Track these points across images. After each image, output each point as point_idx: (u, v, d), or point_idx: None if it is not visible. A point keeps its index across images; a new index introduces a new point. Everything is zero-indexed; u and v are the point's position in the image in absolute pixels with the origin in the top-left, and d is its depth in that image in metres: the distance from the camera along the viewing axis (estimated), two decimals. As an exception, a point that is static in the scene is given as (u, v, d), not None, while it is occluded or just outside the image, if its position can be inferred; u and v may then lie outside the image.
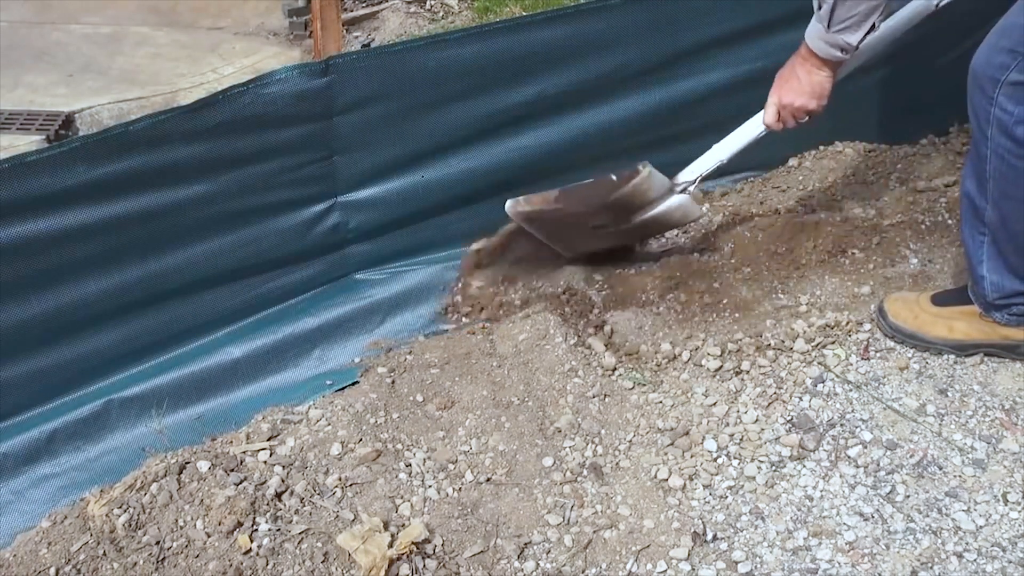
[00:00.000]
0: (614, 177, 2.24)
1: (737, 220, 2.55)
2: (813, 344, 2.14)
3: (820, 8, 1.92)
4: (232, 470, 1.84)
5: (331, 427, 1.96)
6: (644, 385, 2.09)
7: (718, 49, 2.48)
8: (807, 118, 2.11)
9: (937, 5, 2.18)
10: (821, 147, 2.81)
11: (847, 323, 2.18)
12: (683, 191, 2.29)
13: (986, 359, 2.09)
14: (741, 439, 1.96)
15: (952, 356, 2.11)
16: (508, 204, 2.32)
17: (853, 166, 2.74)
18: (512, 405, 2.02)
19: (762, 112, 2.16)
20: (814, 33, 1.96)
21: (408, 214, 2.38)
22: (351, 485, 1.84)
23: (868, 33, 1.90)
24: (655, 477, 1.89)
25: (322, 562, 1.69)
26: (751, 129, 2.22)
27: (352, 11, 4.45)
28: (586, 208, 2.30)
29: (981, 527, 1.76)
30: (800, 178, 2.73)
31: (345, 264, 2.39)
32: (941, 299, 2.15)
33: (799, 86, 2.05)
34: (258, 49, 4.20)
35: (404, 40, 3.36)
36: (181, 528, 1.74)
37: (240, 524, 1.73)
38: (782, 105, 2.09)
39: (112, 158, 1.92)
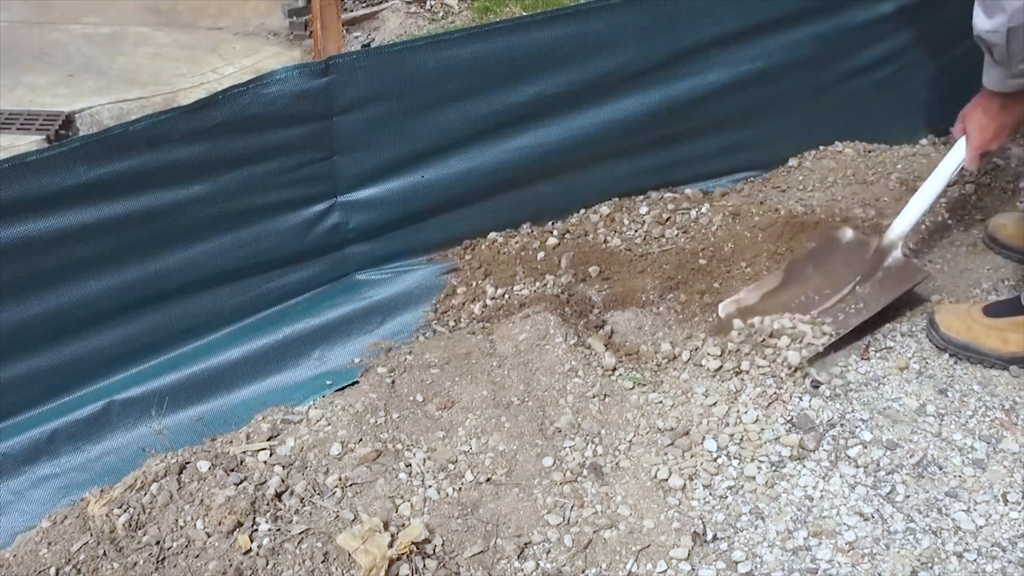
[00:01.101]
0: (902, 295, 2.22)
1: (737, 220, 2.54)
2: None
3: (993, 53, 1.90)
4: (232, 470, 1.84)
5: (331, 427, 1.96)
6: (644, 385, 2.09)
7: (718, 49, 2.48)
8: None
9: None
10: (821, 147, 2.81)
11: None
12: (897, 248, 2.26)
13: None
14: (741, 439, 1.96)
15: (952, 356, 2.11)
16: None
17: (853, 166, 2.74)
18: (512, 405, 2.02)
19: (955, 153, 2.17)
20: (995, 79, 1.96)
21: (408, 214, 2.38)
22: (351, 485, 1.84)
23: None
24: (655, 477, 1.89)
25: (322, 562, 1.69)
26: (947, 171, 2.20)
27: (352, 11, 4.45)
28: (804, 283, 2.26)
29: (981, 527, 1.76)
30: (800, 178, 2.73)
31: (345, 264, 2.39)
32: (994, 310, 2.12)
33: (998, 127, 2.06)
34: (258, 49, 4.20)
35: (404, 40, 3.36)
36: (181, 528, 1.74)
37: (240, 524, 1.73)
38: (985, 149, 2.10)
39: (112, 158, 1.92)
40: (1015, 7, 1.78)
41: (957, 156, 2.17)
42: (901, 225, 2.25)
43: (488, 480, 1.88)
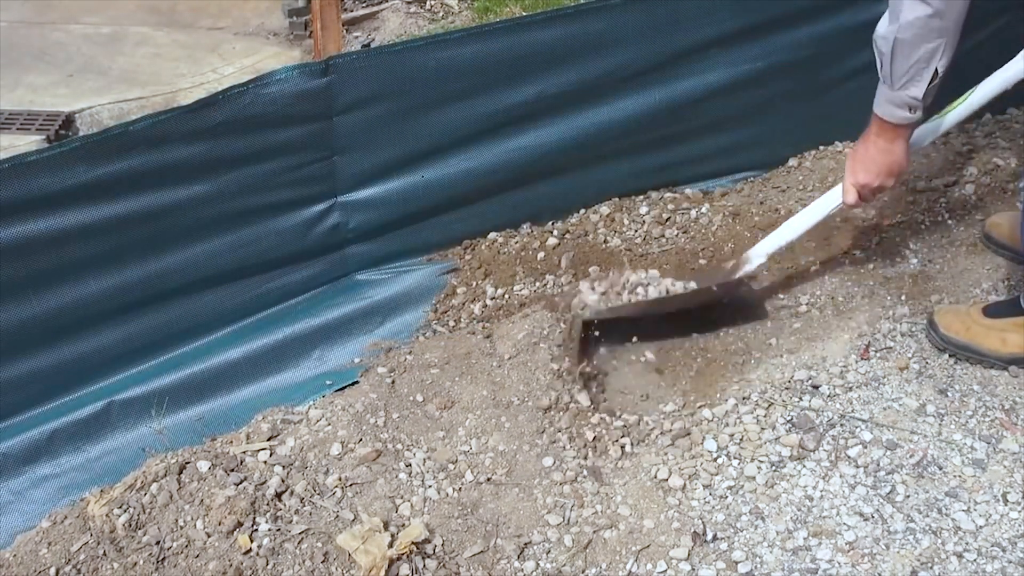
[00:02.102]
0: (715, 288, 2.20)
1: (737, 220, 2.54)
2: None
3: (880, 69, 1.84)
4: (232, 470, 1.84)
5: (331, 427, 1.96)
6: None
7: (718, 49, 2.48)
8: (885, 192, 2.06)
9: None
10: (821, 147, 2.81)
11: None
12: (756, 268, 2.23)
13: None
14: (741, 439, 1.96)
15: (952, 357, 2.11)
16: (586, 315, 2.16)
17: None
18: (512, 405, 2.02)
19: (837, 190, 2.10)
20: (881, 98, 1.89)
21: (408, 214, 2.38)
22: (351, 485, 1.84)
23: (932, 82, 1.81)
24: (655, 477, 1.89)
25: (322, 562, 1.69)
26: (825, 206, 2.15)
27: (352, 11, 4.45)
28: (672, 309, 2.22)
29: (981, 527, 1.76)
30: (800, 178, 2.73)
31: (345, 264, 2.39)
32: (993, 310, 2.11)
33: (875, 167, 1.97)
34: (258, 49, 4.20)
35: (404, 40, 3.36)
36: (181, 528, 1.74)
37: (240, 524, 1.73)
38: (860, 186, 2.01)
39: (112, 158, 1.92)
40: (907, 19, 1.71)
41: (839, 192, 2.10)
42: (759, 249, 2.23)
43: (488, 480, 1.88)
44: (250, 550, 1.70)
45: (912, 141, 1.97)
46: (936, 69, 1.79)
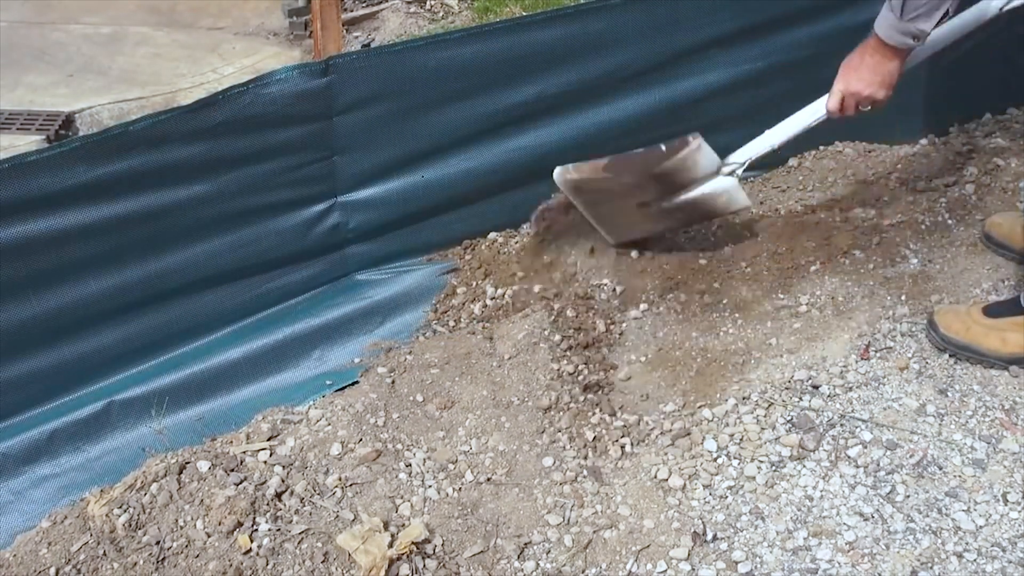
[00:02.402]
0: (663, 147, 2.20)
1: (737, 220, 2.54)
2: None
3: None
4: (232, 470, 1.84)
5: (331, 427, 1.96)
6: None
7: (718, 49, 2.48)
8: (870, 107, 2.05)
9: (1001, 8, 2.10)
10: (821, 147, 2.81)
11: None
12: (731, 173, 2.25)
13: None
14: (741, 439, 1.96)
15: (951, 356, 2.11)
16: (556, 172, 2.26)
17: (853, 166, 2.74)
18: (512, 405, 2.02)
19: (824, 98, 2.10)
20: (885, 23, 1.89)
21: (408, 214, 2.38)
22: (351, 485, 1.84)
23: (942, 20, 1.84)
24: (655, 477, 1.89)
25: (322, 562, 1.69)
26: (809, 115, 2.16)
27: (352, 11, 4.45)
28: (633, 179, 2.25)
29: (981, 527, 1.76)
30: (800, 178, 2.73)
31: (345, 264, 2.39)
32: (994, 310, 2.10)
33: (868, 75, 1.98)
34: (258, 49, 4.20)
35: (404, 40, 3.36)
36: (181, 528, 1.74)
37: (240, 524, 1.73)
38: (849, 93, 2.02)
39: (112, 158, 1.92)
40: None
41: (823, 103, 2.12)
42: (744, 153, 2.25)
43: (488, 480, 1.88)
44: (250, 550, 1.70)
45: (910, 58, 2.00)
46: (947, 9, 1.83)
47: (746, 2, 2.45)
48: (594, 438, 1.97)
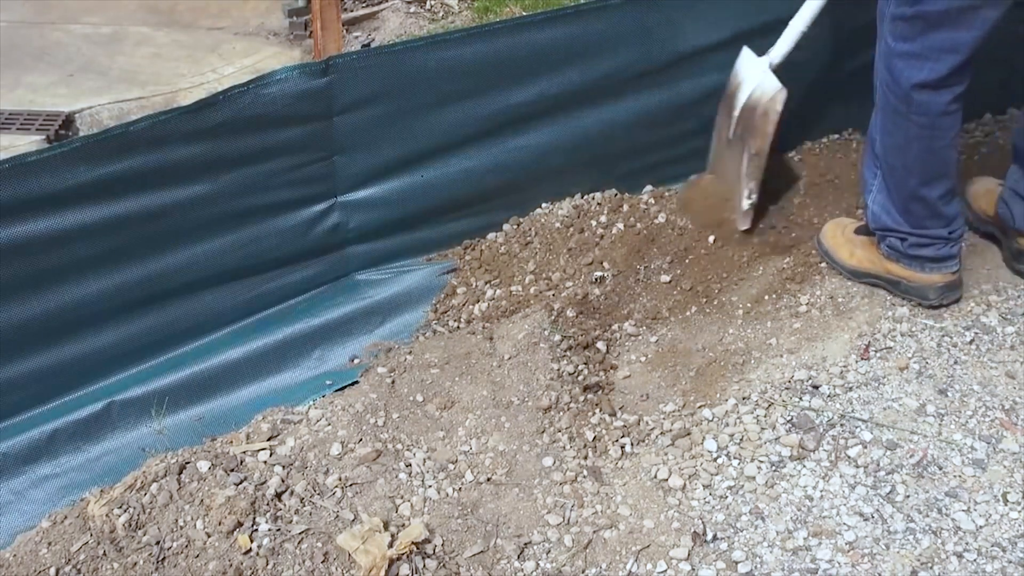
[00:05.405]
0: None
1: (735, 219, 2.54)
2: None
3: None
4: (232, 470, 1.84)
5: (331, 427, 1.96)
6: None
7: (718, 50, 2.48)
8: None
9: None
10: (825, 139, 2.81)
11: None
12: (770, 68, 2.34)
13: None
14: (741, 439, 1.96)
15: (952, 356, 2.11)
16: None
17: (855, 166, 2.74)
18: (512, 405, 2.02)
19: None
20: None
21: (408, 214, 2.38)
22: (351, 485, 1.84)
23: None
24: (655, 477, 1.89)
25: (322, 562, 1.69)
26: None
27: (352, 11, 4.45)
28: (724, 114, 2.45)
29: (981, 527, 1.76)
30: (804, 173, 2.73)
31: (345, 264, 2.39)
32: (861, 230, 2.29)
33: None
34: (258, 49, 4.20)
35: (404, 40, 3.36)
36: (181, 528, 1.74)
37: (240, 524, 1.73)
38: None
39: (112, 158, 1.92)
40: None
41: None
42: (780, 48, 2.35)
43: (488, 480, 1.88)
44: (250, 550, 1.70)
45: None
46: None
47: (746, 4, 2.45)
48: (594, 438, 1.97)
